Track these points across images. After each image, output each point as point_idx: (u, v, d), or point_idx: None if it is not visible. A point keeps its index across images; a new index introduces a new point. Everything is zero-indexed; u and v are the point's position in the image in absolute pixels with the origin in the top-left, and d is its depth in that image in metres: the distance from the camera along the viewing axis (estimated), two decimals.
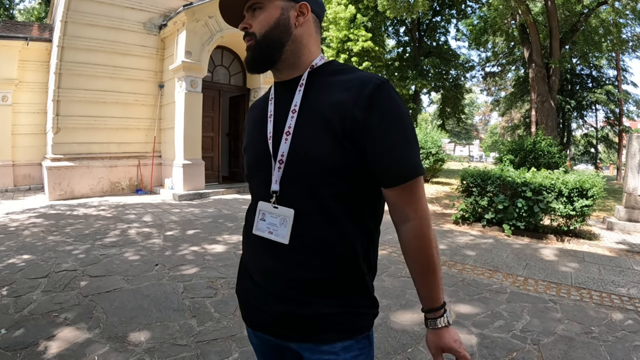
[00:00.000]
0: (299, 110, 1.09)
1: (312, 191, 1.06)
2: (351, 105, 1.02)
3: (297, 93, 1.11)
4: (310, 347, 1.10)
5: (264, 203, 1.12)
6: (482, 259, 5.65)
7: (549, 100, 18.34)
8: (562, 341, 3.27)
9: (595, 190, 6.66)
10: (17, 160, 11.77)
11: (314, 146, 1.04)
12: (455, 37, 38.19)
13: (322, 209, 1.06)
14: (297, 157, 1.06)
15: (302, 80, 1.12)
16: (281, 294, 1.10)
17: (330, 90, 1.08)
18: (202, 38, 10.46)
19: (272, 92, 1.21)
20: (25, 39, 11.23)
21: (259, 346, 1.26)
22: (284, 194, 1.08)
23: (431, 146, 14.40)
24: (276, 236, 1.08)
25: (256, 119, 1.24)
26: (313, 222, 1.06)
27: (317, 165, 1.04)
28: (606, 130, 30.64)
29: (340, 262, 1.08)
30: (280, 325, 1.11)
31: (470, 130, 64.59)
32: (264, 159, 1.13)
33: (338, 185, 1.05)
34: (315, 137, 1.05)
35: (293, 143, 1.07)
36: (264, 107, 1.21)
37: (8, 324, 3.25)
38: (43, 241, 5.79)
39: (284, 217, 1.07)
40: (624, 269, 5.33)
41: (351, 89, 1.04)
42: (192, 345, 3.06)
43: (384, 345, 3.12)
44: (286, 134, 1.08)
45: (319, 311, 1.07)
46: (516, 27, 20.83)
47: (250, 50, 1.13)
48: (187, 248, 5.69)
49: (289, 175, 1.08)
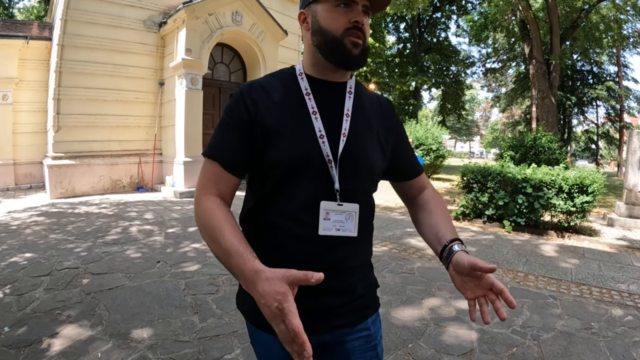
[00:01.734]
0: (351, 115, 1.18)
1: (365, 188, 1.20)
2: (387, 120, 1.28)
3: (347, 98, 1.20)
4: (347, 332, 1.20)
5: (327, 202, 1.11)
6: (482, 254, 5.66)
7: (549, 97, 18.33)
8: (562, 337, 3.29)
9: (596, 187, 6.68)
10: (18, 159, 11.76)
11: (367, 149, 1.19)
12: (455, 33, 38.10)
13: (370, 203, 1.25)
14: (353, 157, 1.15)
15: (349, 87, 1.22)
16: (326, 287, 1.02)
17: (369, 103, 1.26)
18: (202, 35, 10.44)
19: (306, 87, 1.16)
20: (25, 38, 11.20)
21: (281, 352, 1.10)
22: (343, 192, 1.14)
23: (432, 142, 14.42)
24: (344, 231, 1.14)
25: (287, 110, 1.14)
26: (366, 214, 1.21)
27: (369, 166, 1.19)
28: (607, 126, 30.57)
29: (371, 248, 1.30)
30: (324, 318, 1.14)
31: (470, 126, 64.57)
32: (313, 157, 1.10)
33: (376, 183, 1.25)
34: (367, 141, 1.19)
35: (348, 145, 1.14)
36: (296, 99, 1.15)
37: (11, 322, 3.27)
38: (45, 239, 5.81)
39: (349, 213, 1.14)
40: (624, 265, 5.34)
41: (382, 105, 1.30)
42: (194, 341, 3.08)
43: (385, 341, 3.13)
44: (343, 135, 1.15)
45: (358, 293, 1.21)
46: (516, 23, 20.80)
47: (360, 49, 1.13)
48: (188, 245, 5.70)
49: (345, 174, 1.14)
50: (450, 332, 3.34)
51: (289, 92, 1.16)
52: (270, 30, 11.92)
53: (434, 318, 3.61)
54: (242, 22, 11.14)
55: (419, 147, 14.52)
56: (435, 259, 5.39)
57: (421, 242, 6.23)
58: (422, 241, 5.82)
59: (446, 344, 3.13)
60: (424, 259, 5.42)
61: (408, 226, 7.45)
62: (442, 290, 4.26)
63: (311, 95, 1.15)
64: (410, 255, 5.57)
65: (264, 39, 11.81)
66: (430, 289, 4.31)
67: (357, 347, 1.20)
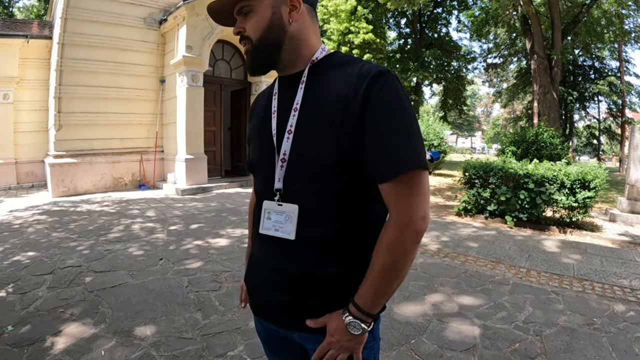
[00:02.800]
0: (300, 108, 1.08)
1: (314, 189, 1.06)
2: (350, 99, 1.00)
3: (298, 90, 1.10)
4: (313, 337, 1.12)
5: (268, 202, 1.12)
6: (484, 250, 5.66)
7: (551, 92, 18.26)
8: (564, 332, 3.28)
9: (598, 182, 6.66)
10: (20, 157, 11.79)
11: (315, 145, 1.04)
12: (456, 28, 38.11)
13: (324, 206, 1.06)
14: (299, 155, 1.06)
15: (303, 76, 1.11)
16: (287, 286, 1.12)
17: (331, 85, 1.06)
18: (203, 32, 10.43)
19: (275, 86, 1.20)
20: (25, 37, 11.20)
21: (264, 335, 1.30)
22: (288, 192, 1.09)
23: (433, 138, 14.40)
24: (282, 233, 1.09)
25: (260, 112, 1.24)
26: (316, 218, 1.07)
27: (319, 164, 1.04)
28: (609, 121, 30.50)
29: (342, 259, 1.09)
30: (284, 315, 1.15)
31: (472, 122, 64.41)
32: (268, 155, 1.14)
33: (338, 184, 1.04)
34: (316, 135, 1.04)
35: (295, 141, 1.07)
36: (268, 100, 1.21)
37: (14, 321, 3.28)
38: (47, 238, 5.82)
39: (288, 214, 1.08)
40: (626, 260, 5.34)
41: (350, 83, 1.02)
42: (198, 338, 3.08)
43: (388, 337, 3.14)
44: (288, 132, 1.08)
45: (321, 303, 1.10)
46: (518, 18, 20.67)
47: (249, 55, 1.12)
48: (191, 242, 5.71)
49: (292, 173, 1.08)
50: (452, 327, 3.35)
51: (268, 95, 1.24)
52: None
53: (437, 314, 3.61)
54: None
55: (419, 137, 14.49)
56: (437, 255, 5.39)
57: (423, 238, 6.20)
58: (424, 237, 5.83)
59: (449, 340, 3.14)
60: (426, 254, 5.43)
61: None
62: (445, 286, 4.26)
63: (277, 94, 1.17)
64: None
65: None
66: (433, 284, 4.31)
67: None
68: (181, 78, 10.43)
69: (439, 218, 7.98)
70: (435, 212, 8.67)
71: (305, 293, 1.10)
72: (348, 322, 1.04)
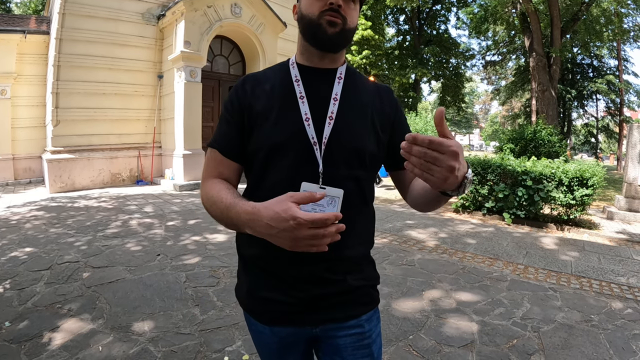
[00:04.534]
0: (340, 99, 1.17)
1: (351, 173, 1.15)
2: (385, 106, 1.24)
3: (336, 83, 1.19)
4: (336, 326, 1.17)
5: (308, 184, 1.03)
6: (482, 247, 5.67)
7: (549, 90, 18.30)
8: (562, 329, 3.30)
9: (596, 180, 6.67)
10: (17, 153, 11.74)
11: (356, 133, 1.15)
12: (455, 25, 38.10)
13: (359, 190, 1.18)
14: (340, 141, 1.13)
15: (339, 73, 1.21)
16: (315, 277, 1.13)
17: (364, 89, 1.24)
18: (201, 28, 10.39)
19: (296, 74, 1.20)
20: (23, 32, 11.13)
21: (275, 344, 1.23)
22: (328, 175, 1.11)
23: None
24: None
25: (275, 96, 1.18)
26: (354, 202, 1.15)
27: (358, 150, 1.15)
28: (607, 120, 30.48)
29: (368, 240, 1.25)
30: (308, 310, 1.14)
31: (470, 119, 64.46)
32: (298, 139, 1.12)
33: (369, 169, 1.19)
34: (357, 125, 1.17)
35: (336, 128, 1.14)
36: (286, 87, 1.18)
37: (12, 317, 3.27)
38: (45, 234, 5.81)
39: (332, 197, 1.04)
40: (623, 258, 5.36)
41: (380, 93, 1.26)
42: (196, 333, 3.08)
43: (386, 333, 3.14)
44: (329, 118, 1.14)
45: (348, 286, 1.17)
46: (517, 16, 20.70)
47: (336, 29, 1.11)
48: (188, 238, 5.71)
49: (331, 158, 1.12)
50: (450, 323, 3.35)
51: (280, 80, 1.21)
52: (269, 23, 11.87)
53: (435, 310, 3.62)
54: (241, 14, 11.09)
55: None
56: (435, 252, 5.40)
57: (421, 234, 6.24)
58: (423, 233, 5.85)
59: (447, 336, 3.14)
60: (424, 250, 5.43)
61: (408, 218, 7.46)
62: (443, 282, 4.27)
63: (300, 81, 1.19)
64: (411, 247, 5.57)
65: (263, 31, 11.76)
66: (431, 280, 4.32)
67: (348, 344, 1.18)
68: (179, 73, 10.40)
69: (437, 215, 7.99)
70: None
71: (340, 280, 1.16)
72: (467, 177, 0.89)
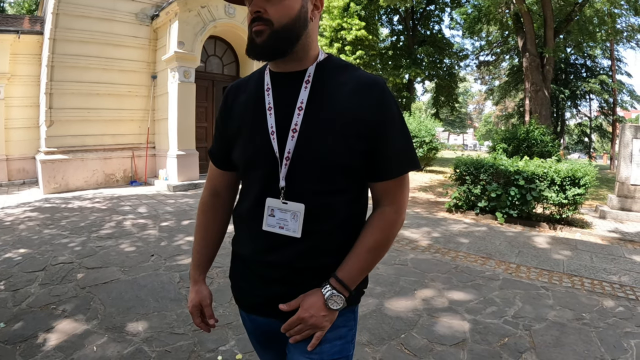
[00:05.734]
0: (305, 108, 1.09)
1: (318, 188, 1.10)
2: (363, 107, 1.07)
3: (302, 89, 1.10)
4: None
5: (272, 200, 1.12)
6: (475, 246, 5.71)
7: (542, 90, 18.38)
8: (553, 327, 3.33)
9: (588, 179, 6.72)
10: (11, 154, 11.65)
11: (322, 145, 1.07)
12: (449, 25, 38.22)
13: (328, 204, 1.11)
14: (306, 155, 1.08)
15: (307, 76, 1.12)
16: (283, 279, 1.15)
17: (338, 90, 1.09)
18: (195, 28, 10.38)
19: (267, 82, 1.17)
20: (16, 32, 11.05)
21: (253, 330, 1.32)
22: (292, 190, 1.10)
23: (425, 135, 14.44)
24: (287, 231, 1.10)
25: (247, 109, 1.19)
26: (320, 216, 1.11)
27: (327, 165, 1.08)
28: (600, 119, 30.73)
29: (339, 251, 1.15)
30: (275, 305, 1.15)
31: (464, 119, 64.70)
32: (265, 154, 1.12)
33: (342, 183, 1.11)
34: (324, 136, 1.07)
35: (300, 141, 1.08)
36: (257, 97, 1.17)
37: (7, 318, 3.27)
38: (39, 235, 5.80)
39: (294, 212, 1.09)
40: (615, 256, 5.40)
41: (359, 90, 1.08)
42: (189, 333, 3.09)
43: (379, 331, 3.17)
44: (292, 131, 1.08)
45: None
46: (510, 16, 20.77)
47: (263, 37, 1.05)
48: (182, 238, 5.71)
49: (296, 172, 1.09)
50: (443, 322, 3.38)
51: (255, 90, 1.19)
52: None
53: (427, 309, 3.64)
54: (235, 15, 11.07)
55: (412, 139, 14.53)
56: (428, 251, 5.43)
57: (414, 234, 6.27)
58: (416, 233, 5.89)
59: (439, 334, 3.17)
60: (417, 250, 5.46)
61: None
62: (435, 282, 4.30)
63: (271, 90, 1.15)
64: (404, 247, 5.60)
65: None
66: (423, 280, 4.35)
67: (299, 345, 1.16)
68: (173, 74, 10.38)
69: (430, 214, 8.03)
70: (427, 208, 8.71)
71: (303, 283, 1.14)
72: (329, 296, 1.08)
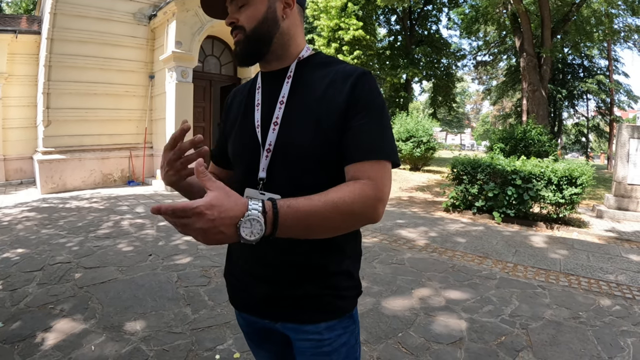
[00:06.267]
0: (286, 102, 1.12)
1: (297, 180, 1.09)
2: (336, 96, 1.06)
3: (285, 84, 1.14)
4: (294, 327, 1.16)
5: (250, 190, 1.13)
6: (472, 245, 5.73)
7: (540, 90, 18.41)
8: (550, 326, 3.35)
9: (585, 179, 6.75)
10: (8, 154, 11.64)
11: (300, 137, 1.08)
12: (446, 25, 38.26)
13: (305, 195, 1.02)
14: (284, 146, 1.09)
15: (289, 72, 1.15)
16: (268, 277, 1.15)
17: (317, 83, 1.11)
18: (193, 28, 10.38)
19: (259, 82, 1.23)
20: (14, 32, 11.04)
21: (245, 327, 1.32)
22: (271, 182, 1.11)
23: (422, 135, 14.46)
24: None
25: (242, 107, 1.26)
26: None
27: (304, 155, 1.08)
28: (597, 119, 30.80)
29: (324, 248, 1.11)
30: (265, 305, 1.16)
31: (461, 118, 64.70)
32: (251, 147, 1.15)
33: (320, 175, 1.09)
34: (302, 128, 1.08)
35: (280, 133, 1.10)
36: (250, 95, 1.24)
37: (5, 317, 3.27)
38: (37, 235, 5.79)
39: None
40: (612, 256, 5.43)
41: (336, 81, 1.08)
42: (187, 332, 3.10)
43: (376, 330, 3.18)
44: (274, 124, 1.11)
45: (302, 292, 1.12)
46: (508, 16, 20.83)
47: (240, 44, 1.13)
48: (180, 238, 5.70)
49: (276, 164, 1.10)
50: (439, 321, 3.39)
51: (249, 90, 1.27)
52: None
53: (424, 307, 3.66)
54: None
55: (409, 139, 14.57)
56: (425, 250, 5.45)
57: (411, 233, 6.29)
58: (413, 232, 5.90)
59: (436, 333, 3.18)
60: (414, 249, 5.48)
61: (398, 217, 7.51)
62: (432, 281, 4.31)
63: (260, 88, 1.21)
64: (401, 246, 5.61)
65: None
66: (420, 279, 4.36)
67: (307, 348, 1.17)
68: (170, 74, 10.37)
69: (427, 214, 8.05)
70: (424, 208, 8.73)
71: (288, 281, 1.13)
72: (249, 216, 0.84)
